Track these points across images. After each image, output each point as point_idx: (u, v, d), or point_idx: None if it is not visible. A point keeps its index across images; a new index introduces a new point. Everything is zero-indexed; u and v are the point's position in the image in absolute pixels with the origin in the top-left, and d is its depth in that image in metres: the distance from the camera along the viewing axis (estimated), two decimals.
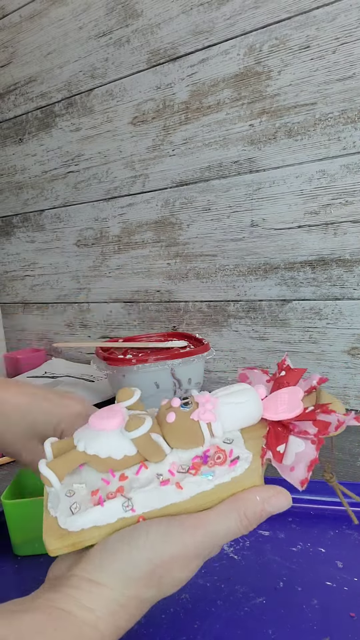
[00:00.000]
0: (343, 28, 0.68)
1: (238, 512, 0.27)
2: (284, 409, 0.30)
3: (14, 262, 1.21)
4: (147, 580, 0.26)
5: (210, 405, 0.30)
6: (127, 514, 0.27)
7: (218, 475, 0.28)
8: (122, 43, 0.90)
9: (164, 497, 0.28)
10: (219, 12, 0.78)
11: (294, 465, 0.28)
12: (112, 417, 0.30)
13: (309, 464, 0.27)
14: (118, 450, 0.29)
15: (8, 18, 1.06)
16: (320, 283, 0.76)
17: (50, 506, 0.29)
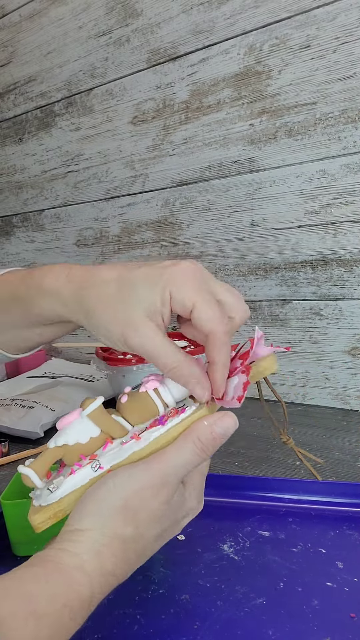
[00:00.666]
0: (343, 27, 0.68)
1: (192, 440, 0.29)
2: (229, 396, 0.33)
3: (14, 262, 1.21)
4: (123, 515, 0.28)
5: (153, 377, 0.33)
6: (96, 472, 0.31)
7: (170, 421, 0.31)
8: (122, 42, 0.90)
9: (126, 450, 0.31)
10: (219, 11, 0.78)
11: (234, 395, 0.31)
12: (72, 413, 0.33)
13: (243, 386, 0.31)
14: (82, 434, 0.32)
15: (8, 17, 1.06)
16: (320, 283, 0.76)
17: (35, 501, 0.32)
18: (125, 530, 0.28)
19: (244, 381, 0.32)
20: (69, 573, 0.26)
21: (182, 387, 0.33)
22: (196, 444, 0.29)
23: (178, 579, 0.39)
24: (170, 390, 0.33)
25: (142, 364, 0.69)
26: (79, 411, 0.33)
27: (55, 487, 0.31)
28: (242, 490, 0.50)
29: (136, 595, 0.37)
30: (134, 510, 0.28)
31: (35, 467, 0.32)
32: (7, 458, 0.64)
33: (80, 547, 0.27)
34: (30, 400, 0.76)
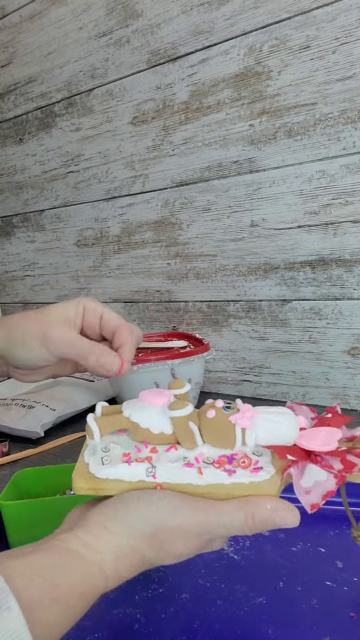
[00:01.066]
0: (343, 28, 0.68)
1: (246, 512, 0.28)
2: (319, 442, 0.31)
3: (14, 262, 1.21)
4: (150, 539, 0.28)
5: (249, 414, 0.32)
6: (148, 478, 0.30)
7: (238, 475, 0.30)
8: (122, 43, 0.90)
9: (184, 476, 0.30)
10: (219, 12, 0.78)
11: (311, 490, 0.29)
12: (160, 396, 0.33)
13: (325, 493, 0.28)
14: (157, 425, 0.32)
15: (8, 18, 1.06)
16: (320, 283, 0.76)
17: (86, 454, 0.32)
18: (148, 552, 0.28)
19: (329, 489, 0.28)
20: (88, 566, 0.26)
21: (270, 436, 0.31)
22: (247, 520, 0.28)
23: (178, 578, 0.39)
24: (257, 435, 0.31)
25: (142, 363, 0.69)
26: (165, 400, 0.33)
27: (108, 459, 0.31)
28: None
29: (136, 594, 0.37)
30: (161, 541, 0.28)
31: (102, 425, 0.32)
32: (7, 458, 0.64)
33: (103, 546, 0.27)
34: (30, 400, 0.76)
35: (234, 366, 0.88)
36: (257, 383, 0.86)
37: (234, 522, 0.28)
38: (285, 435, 0.31)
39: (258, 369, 0.85)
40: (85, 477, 0.31)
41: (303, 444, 0.31)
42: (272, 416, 0.32)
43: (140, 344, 0.44)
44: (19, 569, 0.24)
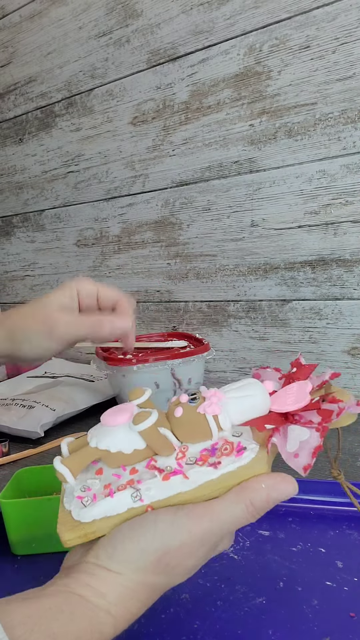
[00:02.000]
0: (343, 28, 0.68)
1: (244, 501, 0.27)
2: (291, 401, 0.30)
3: (14, 262, 1.21)
4: (155, 567, 0.26)
5: (215, 399, 0.30)
6: (136, 504, 0.28)
7: (224, 465, 0.28)
8: (122, 43, 0.90)
9: (171, 487, 0.28)
10: (219, 12, 0.78)
11: (298, 452, 0.28)
12: (122, 413, 0.31)
13: (312, 450, 0.28)
14: (127, 445, 0.30)
15: (8, 18, 1.06)
16: (320, 283, 0.76)
17: (66, 501, 0.30)
18: (157, 580, 0.27)
19: (315, 445, 0.28)
20: (94, 612, 0.25)
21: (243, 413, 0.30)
22: (248, 508, 0.27)
23: None
24: (230, 417, 0.30)
25: (142, 364, 0.69)
26: (128, 415, 0.31)
27: (89, 500, 0.29)
28: None
29: None
30: (168, 565, 0.27)
31: (71, 465, 0.30)
32: (7, 458, 0.64)
33: (107, 588, 0.26)
34: (30, 400, 0.76)
35: (234, 366, 0.88)
36: None
37: (236, 516, 0.27)
38: (258, 407, 0.30)
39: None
40: (71, 528, 0.29)
41: (277, 409, 0.30)
42: (239, 392, 0.31)
43: None
44: (21, 617, 0.23)
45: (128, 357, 0.74)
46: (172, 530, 0.26)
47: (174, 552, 0.26)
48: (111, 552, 0.27)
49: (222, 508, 0.27)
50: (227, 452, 0.29)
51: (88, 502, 0.29)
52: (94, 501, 0.29)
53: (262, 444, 0.29)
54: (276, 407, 0.30)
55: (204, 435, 0.30)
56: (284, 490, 0.27)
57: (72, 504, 0.30)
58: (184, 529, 0.26)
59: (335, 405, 0.29)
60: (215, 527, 0.27)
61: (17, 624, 0.23)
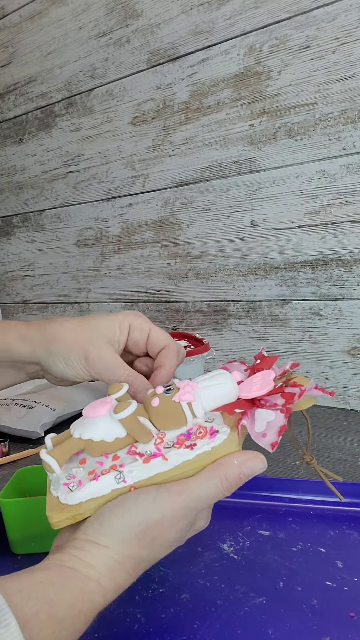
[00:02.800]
0: (343, 28, 0.68)
1: (219, 476, 0.30)
2: (257, 387, 0.33)
3: (14, 262, 1.21)
4: (140, 540, 0.29)
5: (189, 388, 0.33)
6: (119, 484, 0.31)
7: (199, 446, 0.31)
8: (122, 43, 0.90)
9: (152, 468, 0.31)
10: (219, 12, 0.78)
11: (266, 432, 0.31)
12: (102, 405, 0.33)
13: (278, 429, 0.31)
14: (109, 433, 0.32)
15: (8, 18, 1.06)
16: (320, 283, 0.76)
17: (52, 488, 0.33)
18: (141, 553, 0.29)
19: (280, 424, 0.31)
20: (85, 582, 0.27)
21: (214, 400, 0.33)
22: (222, 482, 0.30)
23: (178, 578, 0.39)
24: (203, 404, 0.33)
25: None
26: (108, 407, 0.33)
27: (75, 485, 0.31)
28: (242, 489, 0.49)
29: (136, 594, 0.37)
30: (151, 537, 0.29)
31: (57, 456, 0.33)
32: (7, 458, 0.64)
33: (96, 560, 0.28)
34: (30, 400, 0.76)
35: None
36: None
37: (211, 490, 0.29)
38: (227, 394, 0.33)
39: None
40: (59, 510, 0.31)
41: (245, 395, 0.33)
42: (210, 382, 0.33)
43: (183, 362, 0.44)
44: (17, 587, 0.24)
45: None
46: (153, 505, 0.29)
47: (156, 525, 0.29)
48: (97, 527, 0.29)
49: (198, 484, 0.30)
50: (202, 435, 0.32)
51: (74, 487, 0.31)
52: (79, 486, 0.31)
53: (232, 426, 0.32)
54: (244, 394, 0.33)
55: (180, 422, 0.33)
56: (254, 466, 0.30)
57: (59, 491, 0.32)
58: (165, 504, 0.29)
59: (297, 388, 0.32)
60: (192, 501, 0.29)
61: (15, 592, 0.24)
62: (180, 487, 0.29)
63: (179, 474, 0.30)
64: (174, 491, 0.29)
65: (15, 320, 0.49)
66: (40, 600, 0.24)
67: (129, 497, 0.30)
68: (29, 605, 0.24)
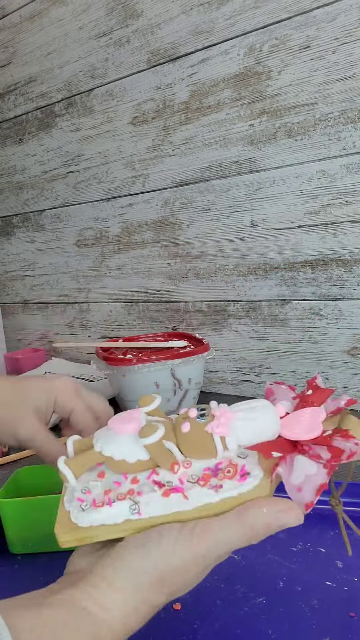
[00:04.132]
0: (343, 28, 0.68)
1: (243, 524, 0.27)
2: (303, 429, 0.29)
3: (14, 262, 1.21)
4: (157, 587, 0.27)
5: (225, 420, 0.30)
6: (133, 516, 0.29)
7: (225, 489, 0.28)
8: (122, 43, 0.90)
9: (170, 505, 0.29)
10: (219, 12, 0.78)
11: (302, 486, 0.27)
12: (130, 422, 0.31)
13: (317, 487, 0.27)
14: (131, 454, 0.30)
15: (8, 18, 1.06)
16: (320, 283, 0.76)
17: (66, 500, 0.31)
18: (158, 599, 0.28)
19: (320, 482, 0.27)
20: (97, 627, 0.26)
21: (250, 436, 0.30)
22: (246, 533, 0.27)
23: None
24: (238, 438, 0.30)
25: (142, 364, 0.69)
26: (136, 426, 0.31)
27: (88, 504, 0.30)
28: None
29: None
30: (169, 584, 0.27)
31: (74, 467, 0.31)
32: (7, 458, 0.64)
33: (112, 603, 0.27)
34: None
35: (234, 366, 0.88)
36: (257, 383, 0.86)
37: (232, 537, 0.27)
38: (267, 431, 0.30)
39: (258, 369, 0.85)
40: (68, 530, 0.29)
41: (287, 435, 0.29)
42: (250, 414, 0.31)
43: None
44: (29, 625, 0.24)
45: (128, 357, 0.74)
46: (174, 549, 0.27)
47: (175, 572, 0.27)
48: (116, 566, 0.27)
49: (219, 527, 0.27)
50: (230, 475, 0.29)
51: (87, 507, 0.29)
52: (93, 507, 0.29)
53: (266, 469, 0.29)
54: (286, 433, 0.30)
55: (209, 454, 0.30)
56: (286, 520, 0.27)
57: (71, 505, 0.30)
58: (186, 548, 0.27)
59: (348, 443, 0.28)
60: (214, 547, 0.27)
61: (26, 631, 0.23)
62: (202, 530, 0.27)
63: (197, 517, 0.28)
64: (195, 534, 0.27)
65: None
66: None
67: (150, 538, 0.28)
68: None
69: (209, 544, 0.27)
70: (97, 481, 0.31)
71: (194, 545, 0.27)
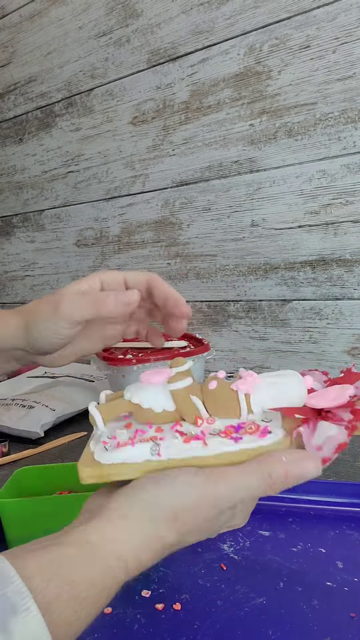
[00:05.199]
0: (343, 28, 0.68)
1: (262, 470, 0.27)
2: (328, 399, 0.30)
3: (14, 262, 1.21)
4: (170, 523, 0.27)
5: (251, 379, 0.31)
6: (153, 457, 0.29)
7: (245, 441, 0.29)
8: (122, 43, 0.90)
9: (190, 450, 0.29)
10: (219, 11, 0.78)
11: (322, 446, 0.28)
12: (160, 374, 0.32)
13: (337, 446, 0.27)
14: (158, 403, 0.31)
15: (8, 18, 1.06)
16: (320, 283, 0.76)
17: (92, 443, 0.32)
18: (169, 536, 0.28)
19: (340, 441, 0.27)
20: (107, 559, 0.26)
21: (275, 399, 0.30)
22: (265, 479, 0.27)
23: (178, 578, 0.39)
24: (263, 401, 0.31)
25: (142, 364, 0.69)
26: (165, 376, 0.32)
27: (112, 446, 0.30)
28: None
29: (136, 594, 0.37)
30: (182, 522, 0.28)
31: (104, 412, 0.32)
32: (7, 458, 0.64)
33: (121, 535, 0.27)
34: (30, 400, 0.76)
35: (234, 366, 0.88)
36: None
37: (250, 485, 0.27)
38: (292, 397, 0.30)
39: (258, 369, 0.85)
40: (90, 465, 0.30)
41: (313, 404, 0.30)
42: (277, 378, 0.31)
43: None
44: (37, 568, 0.24)
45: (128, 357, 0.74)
46: (188, 489, 0.27)
47: (187, 510, 0.27)
48: (130, 500, 0.28)
49: (238, 475, 0.28)
50: (252, 431, 0.29)
51: (110, 447, 0.30)
52: (116, 447, 0.30)
53: (287, 432, 0.29)
54: (313, 402, 0.30)
55: (233, 411, 0.31)
56: (305, 469, 0.27)
57: (96, 447, 0.31)
58: (200, 491, 0.27)
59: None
60: (228, 492, 0.27)
61: (34, 573, 0.23)
62: (219, 475, 0.28)
63: (216, 463, 0.29)
64: (212, 479, 0.28)
65: None
66: (61, 581, 0.24)
67: (166, 476, 0.28)
68: (50, 587, 0.23)
69: (225, 486, 0.27)
70: (123, 430, 0.32)
71: (209, 486, 0.27)
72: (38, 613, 0.22)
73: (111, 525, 0.27)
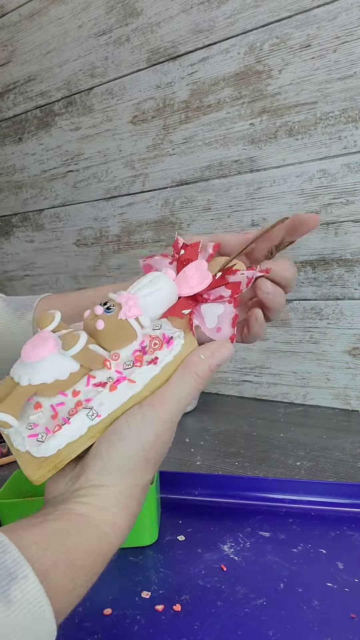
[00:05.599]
0: (344, 27, 0.68)
1: (190, 374, 0.30)
2: (195, 282, 0.32)
3: (14, 262, 1.21)
4: (142, 466, 0.29)
5: (132, 302, 0.31)
6: (94, 421, 0.29)
7: (162, 359, 0.30)
8: (122, 42, 0.90)
9: (122, 394, 0.30)
10: (219, 10, 0.78)
11: (219, 326, 0.31)
12: (45, 343, 0.30)
13: (231, 321, 0.31)
14: (62, 371, 0.30)
15: (7, 17, 1.06)
16: (321, 283, 0.76)
17: (16, 444, 0.30)
18: (145, 477, 0.29)
19: (232, 315, 0.31)
20: (99, 527, 0.27)
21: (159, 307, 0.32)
22: (195, 380, 0.30)
23: (178, 579, 0.39)
24: (149, 314, 0.31)
25: None
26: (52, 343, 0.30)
27: (43, 434, 0.29)
28: (242, 490, 0.49)
29: (136, 595, 0.37)
30: (152, 459, 0.29)
31: (9, 410, 0.29)
32: (6, 458, 0.64)
33: (107, 501, 0.28)
34: None
35: (234, 366, 0.88)
36: (257, 383, 0.85)
37: (187, 390, 0.30)
38: (170, 297, 0.32)
39: (258, 369, 0.85)
40: (37, 466, 0.29)
41: (186, 293, 0.32)
42: (149, 289, 0.32)
43: None
44: (32, 538, 0.24)
45: None
46: (144, 425, 0.29)
47: (153, 446, 0.29)
48: (100, 468, 0.28)
49: (174, 388, 0.30)
50: (158, 346, 0.31)
51: (44, 437, 0.29)
52: (50, 434, 0.29)
53: (184, 328, 0.32)
54: (184, 292, 0.32)
55: (131, 338, 0.31)
56: (222, 355, 0.31)
57: (26, 445, 0.29)
58: (154, 421, 0.29)
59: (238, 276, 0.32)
60: (175, 407, 0.30)
61: (30, 543, 0.24)
62: (160, 398, 0.29)
63: (150, 392, 0.30)
64: (156, 404, 0.29)
65: None
66: (57, 550, 0.24)
67: (119, 426, 0.29)
68: (47, 556, 0.24)
69: (171, 405, 0.29)
70: (37, 412, 0.30)
71: (159, 413, 0.29)
72: (36, 580, 0.22)
73: (94, 497, 0.28)
